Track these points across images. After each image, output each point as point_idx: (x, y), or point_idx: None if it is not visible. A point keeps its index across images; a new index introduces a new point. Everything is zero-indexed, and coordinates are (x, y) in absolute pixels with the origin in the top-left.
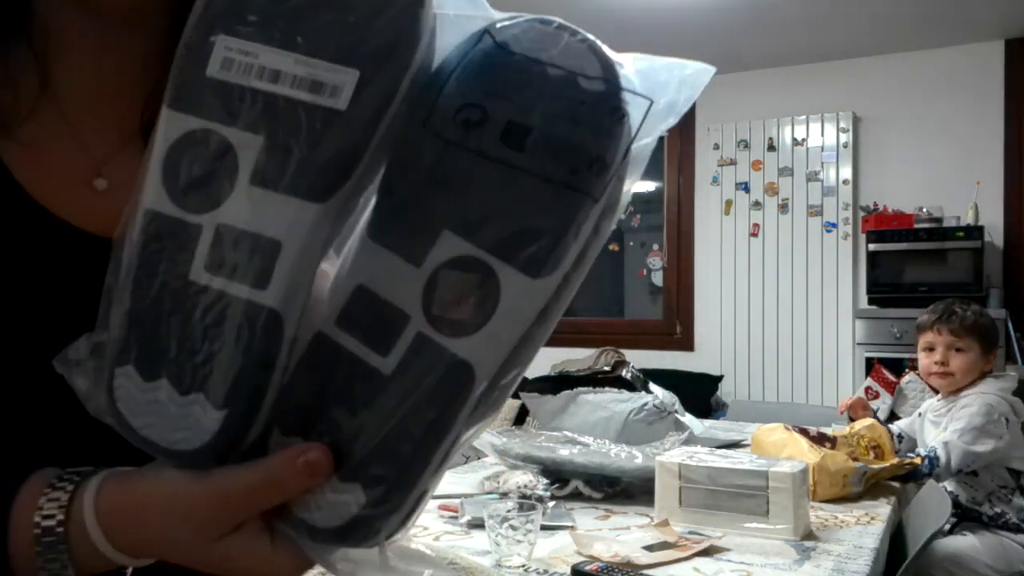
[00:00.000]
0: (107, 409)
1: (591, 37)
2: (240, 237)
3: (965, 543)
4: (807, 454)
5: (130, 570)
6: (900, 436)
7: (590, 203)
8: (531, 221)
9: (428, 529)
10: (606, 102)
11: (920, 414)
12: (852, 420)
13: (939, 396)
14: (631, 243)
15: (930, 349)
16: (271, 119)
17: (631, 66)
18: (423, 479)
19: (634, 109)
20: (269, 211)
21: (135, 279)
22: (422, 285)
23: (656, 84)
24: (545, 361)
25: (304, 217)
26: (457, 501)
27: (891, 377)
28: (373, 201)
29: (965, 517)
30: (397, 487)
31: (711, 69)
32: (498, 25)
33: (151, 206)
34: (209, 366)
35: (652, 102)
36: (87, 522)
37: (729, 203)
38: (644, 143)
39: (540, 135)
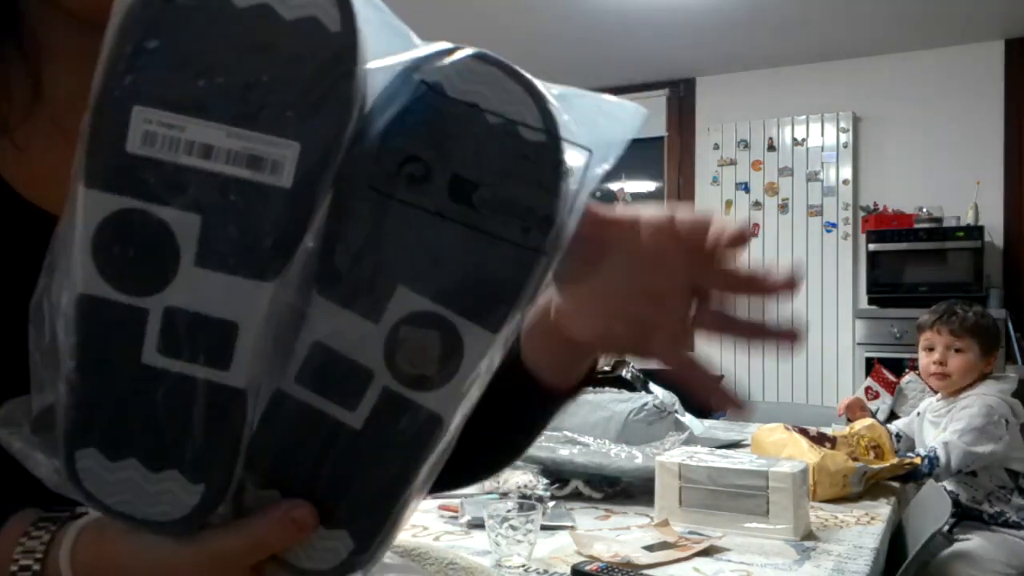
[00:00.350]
0: (72, 487)
1: (527, 75)
2: (193, 321)
3: (973, 546)
4: (807, 454)
5: None
6: (898, 436)
7: (542, 258)
8: (489, 280)
9: (428, 529)
10: (549, 157)
11: (919, 413)
12: (850, 421)
13: (938, 396)
14: None
15: (930, 349)
16: (209, 198)
17: (565, 106)
18: (402, 517)
19: (574, 160)
20: (221, 294)
21: (80, 363)
22: (383, 341)
23: (592, 128)
24: None
25: (258, 297)
26: (457, 501)
27: (891, 377)
28: (312, 248)
29: (966, 516)
30: (380, 530)
31: (643, 111)
32: (431, 62)
33: (85, 290)
34: (179, 445)
35: (591, 153)
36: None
37: (729, 203)
38: (584, 192)
39: (489, 192)
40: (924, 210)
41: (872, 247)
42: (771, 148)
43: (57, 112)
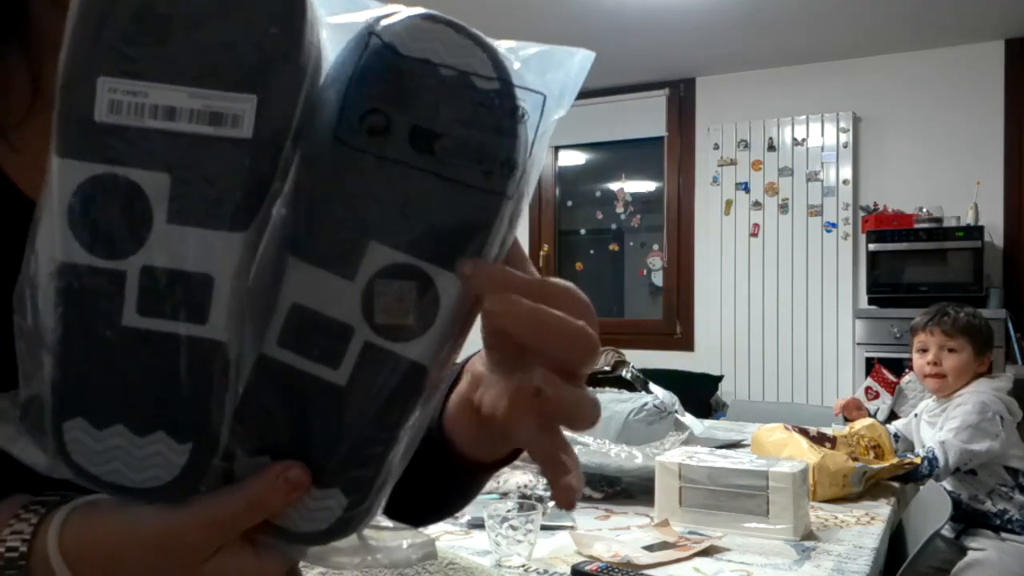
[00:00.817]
0: (61, 463)
1: (475, 31)
2: (169, 277)
3: (986, 556)
4: (807, 454)
5: None
6: (896, 436)
7: (507, 202)
8: (457, 225)
9: (428, 529)
10: (504, 103)
11: (916, 414)
12: (847, 421)
13: (934, 396)
14: (631, 243)
15: (924, 350)
16: (176, 156)
17: (516, 57)
18: (395, 470)
19: (529, 105)
20: (193, 248)
21: (64, 333)
22: (359, 297)
23: (544, 75)
24: None
25: (230, 248)
26: None
27: (891, 377)
28: (283, 215)
29: (969, 520)
30: (373, 484)
31: (592, 55)
32: (382, 23)
33: (65, 259)
34: (163, 405)
35: (545, 97)
36: (52, 558)
37: (729, 203)
38: (543, 137)
39: (449, 141)
40: (924, 210)
41: (872, 247)
42: (771, 148)
43: None
